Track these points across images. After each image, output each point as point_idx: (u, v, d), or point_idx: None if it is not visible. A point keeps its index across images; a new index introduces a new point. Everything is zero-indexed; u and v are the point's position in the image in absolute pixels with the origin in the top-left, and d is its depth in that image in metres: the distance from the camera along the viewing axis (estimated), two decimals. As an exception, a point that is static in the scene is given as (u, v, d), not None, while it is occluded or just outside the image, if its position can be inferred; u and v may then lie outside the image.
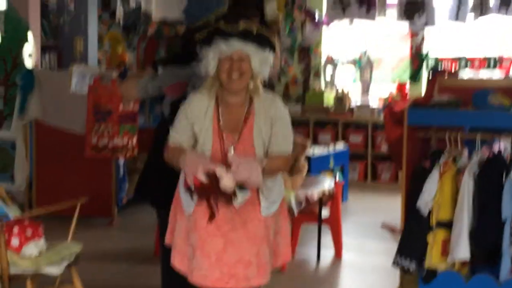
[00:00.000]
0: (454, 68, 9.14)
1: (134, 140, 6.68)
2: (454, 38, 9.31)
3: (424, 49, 9.56)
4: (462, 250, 3.63)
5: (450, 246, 3.68)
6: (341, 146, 8.10)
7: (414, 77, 9.59)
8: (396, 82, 9.66)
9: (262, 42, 2.90)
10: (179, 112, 2.99)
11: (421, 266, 3.85)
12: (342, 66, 10.04)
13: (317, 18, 8.72)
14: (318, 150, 7.35)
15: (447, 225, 3.73)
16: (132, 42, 9.53)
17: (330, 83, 10.05)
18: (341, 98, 9.55)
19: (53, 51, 8.35)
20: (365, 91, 9.80)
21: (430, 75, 4.41)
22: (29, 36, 6.86)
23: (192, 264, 2.95)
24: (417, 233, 3.83)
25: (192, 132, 2.95)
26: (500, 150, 3.80)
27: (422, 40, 9.52)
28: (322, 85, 10.10)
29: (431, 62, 9.46)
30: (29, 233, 3.65)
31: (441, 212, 3.76)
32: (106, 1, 9.04)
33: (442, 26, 6.78)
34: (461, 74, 6.59)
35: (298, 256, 5.65)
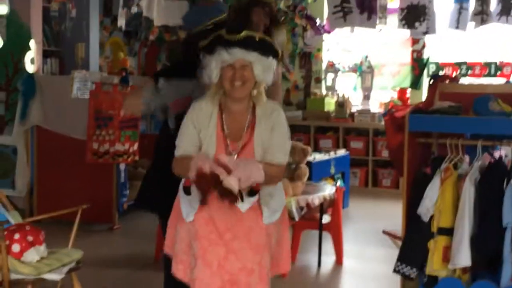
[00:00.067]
0: (455, 74, 9.14)
1: (135, 146, 6.68)
2: (455, 44, 9.32)
3: (425, 55, 9.58)
4: (463, 257, 3.62)
5: (451, 252, 3.67)
6: (342, 152, 8.11)
7: (415, 83, 9.60)
8: (397, 89, 9.67)
9: (265, 49, 2.89)
10: (184, 121, 2.98)
11: (422, 272, 3.85)
12: (343, 72, 10.06)
13: (318, 23, 8.73)
14: (319, 156, 7.35)
15: (448, 231, 3.72)
16: (133, 48, 9.55)
17: (331, 89, 10.06)
18: (342, 104, 9.56)
19: (54, 57, 8.37)
20: (366, 97, 9.81)
21: (431, 81, 4.40)
22: (31, 41, 6.87)
23: (193, 273, 2.94)
24: (418, 239, 3.82)
25: (199, 139, 2.94)
26: (501, 156, 3.81)
27: (423, 46, 9.54)
28: (323, 91, 10.11)
29: (432, 68, 9.47)
30: (30, 239, 3.65)
31: (442, 218, 3.75)
32: (107, 7, 9.06)
33: (443, 34, 6.78)
34: (461, 80, 6.58)
35: (299, 262, 5.65)
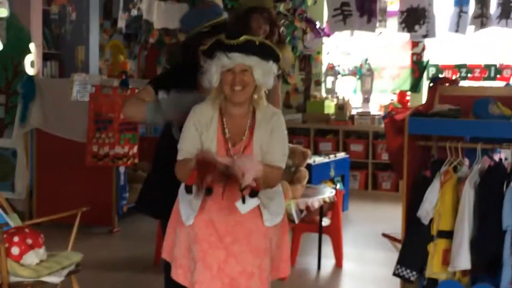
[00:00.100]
0: (454, 76, 9.14)
1: (135, 148, 6.68)
2: (455, 47, 9.32)
3: (424, 57, 9.59)
4: (463, 260, 3.62)
5: (451, 255, 3.67)
6: (342, 155, 8.10)
7: (415, 86, 9.60)
8: (397, 92, 9.67)
9: (265, 53, 2.88)
10: (186, 124, 2.97)
11: (421, 275, 3.85)
12: (343, 75, 10.06)
13: (318, 26, 8.73)
14: (318, 159, 7.35)
15: (448, 234, 3.72)
16: (133, 51, 9.56)
17: (331, 92, 10.06)
18: (342, 107, 9.56)
19: (54, 60, 8.37)
20: (366, 100, 9.81)
21: (431, 84, 4.40)
22: (30, 44, 6.87)
23: (193, 276, 2.93)
24: (417, 242, 3.82)
25: (200, 141, 2.93)
26: (500, 159, 3.81)
27: (423, 49, 9.55)
28: (323, 93, 10.11)
29: (432, 71, 9.48)
30: (29, 242, 3.65)
31: (441, 221, 3.75)
32: (107, 10, 9.06)
33: (443, 36, 6.79)
34: (461, 83, 6.59)
35: (299, 265, 5.64)
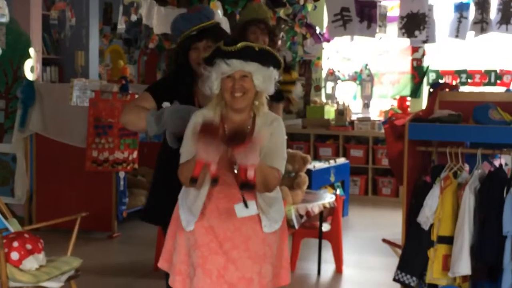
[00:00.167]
0: (455, 82, 9.14)
1: (135, 154, 6.68)
2: (455, 52, 9.33)
3: (425, 63, 9.59)
4: (463, 265, 3.61)
5: (451, 261, 3.67)
6: (342, 160, 8.10)
7: (415, 92, 9.60)
8: (397, 97, 9.68)
9: (265, 59, 2.87)
10: (188, 128, 2.96)
11: (422, 281, 3.84)
12: (343, 80, 10.06)
13: (318, 32, 8.74)
14: (318, 164, 7.34)
15: (448, 240, 3.72)
16: (133, 56, 9.56)
17: (331, 97, 10.06)
18: (342, 112, 9.55)
19: (54, 65, 8.38)
20: (366, 105, 9.81)
21: (431, 90, 4.40)
22: (30, 49, 6.88)
23: (192, 283, 2.92)
24: (418, 248, 3.82)
25: None
26: (501, 164, 3.81)
27: (423, 54, 9.55)
28: (323, 99, 10.11)
29: (432, 76, 9.48)
30: (29, 247, 3.64)
31: (442, 227, 3.74)
32: (107, 15, 9.07)
33: (443, 42, 6.80)
34: (461, 89, 6.60)
35: (299, 270, 5.63)
